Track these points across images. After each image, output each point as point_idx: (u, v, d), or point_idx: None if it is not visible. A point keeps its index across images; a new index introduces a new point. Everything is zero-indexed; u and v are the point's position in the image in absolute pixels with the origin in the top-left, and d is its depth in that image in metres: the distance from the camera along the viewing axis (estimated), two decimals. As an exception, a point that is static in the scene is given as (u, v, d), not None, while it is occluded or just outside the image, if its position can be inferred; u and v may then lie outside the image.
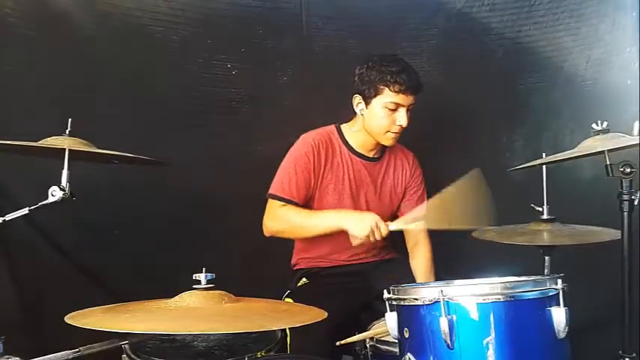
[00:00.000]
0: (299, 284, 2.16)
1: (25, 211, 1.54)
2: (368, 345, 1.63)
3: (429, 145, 2.47)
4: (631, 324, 1.40)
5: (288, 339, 1.78)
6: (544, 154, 1.78)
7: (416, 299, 1.23)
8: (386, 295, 1.31)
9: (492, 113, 2.59)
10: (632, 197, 1.40)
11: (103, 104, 2.32)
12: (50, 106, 2.21)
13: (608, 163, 1.43)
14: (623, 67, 2.39)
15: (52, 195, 1.49)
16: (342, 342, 1.60)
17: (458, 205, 1.79)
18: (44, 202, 1.51)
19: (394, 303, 1.30)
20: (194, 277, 1.32)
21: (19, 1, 2.17)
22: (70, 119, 1.61)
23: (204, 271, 1.32)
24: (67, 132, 1.60)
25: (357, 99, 2.04)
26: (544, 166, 1.82)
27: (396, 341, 1.32)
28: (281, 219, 2.01)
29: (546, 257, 1.80)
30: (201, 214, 2.45)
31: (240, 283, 1.46)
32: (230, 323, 1.21)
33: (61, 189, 1.50)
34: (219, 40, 2.44)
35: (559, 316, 1.18)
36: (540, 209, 1.83)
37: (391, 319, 1.31)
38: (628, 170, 1.39)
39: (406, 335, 1.26)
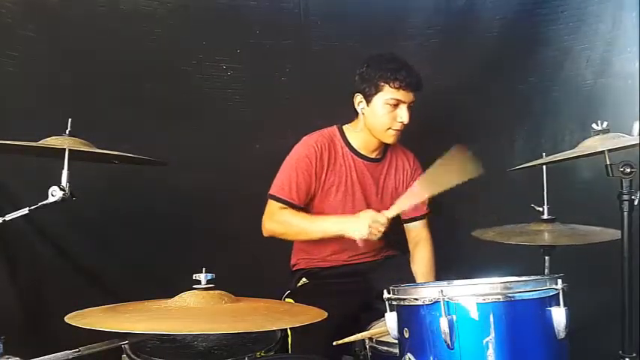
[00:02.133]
0: (299, 284, 2.15)
1: (25, 211, 1.54)
2: (367, 345, 1.62)
3: (429, 145, 2.45)
4: (631, 324, 1.40)
5: (289, 339, 1.78)
6: (544, 154, 1.78)
7: (416, 299, 1.23)
8: (386, 295, 1.31)
9: (492, 113, 2.59)
10: (632, 197, 1.40)
11: (103, 104, 2.32)
12: (50, 106, 2.22)
13: (608, 163, 1.43)
14: (624, 67, 2.38)
15: (52, 195, 1.49)
16: (339, 342, 1.60)
17: (446, 173, 1.82)
18: (44, 202, 1.50)
19: (394, 303, 1.30)
20: (194, 277, 1.32)
21: (17, 1, 2.17)
22: (70, 119, 1.61)
23: (204, 271, 1.32)
24: (67, 132, 1.60)
25: (358, 98, 2.04)
26: (544, 166, 1.82)
27: (396, 342, 1.32)
28: (280, 222, 2.01)
29: (546, 257, 1.81)
30: (201, 214, 2.45)
31: (240, 283, 1.46)
32: (230, 323, 1.21)
33: (61, 189, 1.49)
34: (218, 40, 2.44)
35: (559, 316, 1.17)
36: (540, 209, 1.83)
37: (391, 319, 1.30)
38: (628, 170, 1.39)
39: (406, 335, 1.26)
